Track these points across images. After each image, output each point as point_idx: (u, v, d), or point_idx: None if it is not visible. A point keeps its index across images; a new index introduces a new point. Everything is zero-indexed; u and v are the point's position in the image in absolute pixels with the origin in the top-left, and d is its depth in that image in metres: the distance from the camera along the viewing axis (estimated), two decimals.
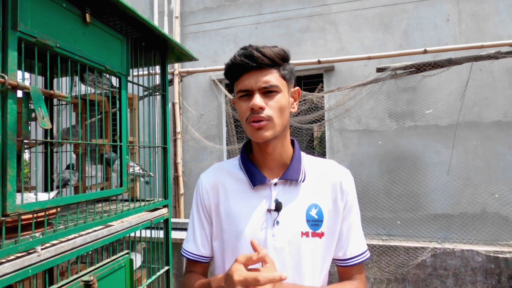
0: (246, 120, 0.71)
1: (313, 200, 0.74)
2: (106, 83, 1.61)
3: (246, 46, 0.72)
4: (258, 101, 0.68)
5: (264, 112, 0.69)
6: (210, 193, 0.80)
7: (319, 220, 0.73)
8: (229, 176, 0.80)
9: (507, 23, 3.40)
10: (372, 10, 3.81)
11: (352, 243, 0.76)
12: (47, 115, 0.96)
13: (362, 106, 3.55)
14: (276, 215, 0.72)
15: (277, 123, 0.71)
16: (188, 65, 3.97)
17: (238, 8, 4.27)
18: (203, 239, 0.81)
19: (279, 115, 0.71)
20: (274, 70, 0.71)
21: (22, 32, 0.95)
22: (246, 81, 0.70)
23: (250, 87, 0.70)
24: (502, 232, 3.13)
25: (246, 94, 0.71)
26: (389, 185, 3.57)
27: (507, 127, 3.35)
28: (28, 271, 0.93)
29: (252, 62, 0.69)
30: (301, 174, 0.76)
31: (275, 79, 0.70)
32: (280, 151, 0.76)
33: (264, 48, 0.70)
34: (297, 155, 0.79)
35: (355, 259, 0.76)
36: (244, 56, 0.69)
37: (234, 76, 0.73)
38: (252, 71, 0.70)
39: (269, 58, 0.69)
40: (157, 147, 1.81)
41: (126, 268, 1.35)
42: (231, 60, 0.73)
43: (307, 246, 0.72)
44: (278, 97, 0.71)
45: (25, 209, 0.93)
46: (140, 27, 1.52)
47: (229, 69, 0.74)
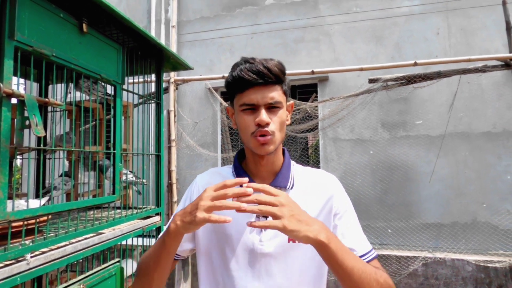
0: (252, 134, 0.72)
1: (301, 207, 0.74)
2: (101, 91, 1.62)
3: (250, 59, 0.73)
4: (265, 117, 0.70)
5: (269, 128, 0.71)
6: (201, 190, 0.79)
7: None
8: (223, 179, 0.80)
9: (494, 38, 3.52)
10: (365, 22, 3.91)
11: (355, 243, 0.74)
12: (41, 123, 0.97)
13: (355, 116, 3.61)
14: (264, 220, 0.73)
15: (278, 138, 0.74)
16: (184, 73, 4.00)
17: (235, 18, 4.35)
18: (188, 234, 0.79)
19: (280, 130, 0.74)
20: (278, 87, 0.73)
21: (18, 41, 0.96)
22: (253, 95, 0.71)
23: (257, 102, 0.71)
24: (492, 242, 3.16)
25: (251, 108, 0.73)
26: (382, 194, 3.60)
27: (496, 138, 3.42)
28: (17, 279, 0.93)
29: (260, 79, 0.70)
30: (290, 181, 0.78)
31: (279, 96, 0.73)
32: (272, 160, 0.79)
33: (268, 63, 0.71)
34: (286, 163, 0.81)
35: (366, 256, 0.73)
36: (252, 72, 0.70)
37: (238, 89, 0.74)
38: (258, 86, 0.71)
39: (274, 75, 0.71)
40: (151, 155, 1.82)
41: (117, 277, 1.34)
42: (237, 73, 0.72)
43: (293, 252, 0.73)
44: (280, 113, 0.74)
45: (16, 216, 0.93)
46: (137, 36, 1.55)
47: (234, 82, 0.74)
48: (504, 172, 3.35)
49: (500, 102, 3.43)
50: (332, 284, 3.27)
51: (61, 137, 1.61)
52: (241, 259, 0.73)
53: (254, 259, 0.73)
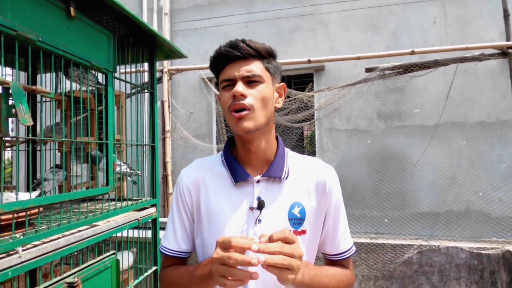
0: (228, 109, 0.69)
1: (296, 198, 0.73)
2: (92, 80, 1.57)
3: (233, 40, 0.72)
4: (240, 88, 0.67)
5: (246, 100, 0.67)
6: (191, 190, 0.77)
7: (301, 218, 0.72)
8: (211, 172, 0.77)
9: (490, 27, 3.50)
10: (361, 11, 3.85)
11: (340, 239, 0.78)
12: (28, 112, 0.92)
13: (351, 105, 3.59)
14: (258, 213, 0.70)
15: (258, 114, 0.68)
16: (177, 62, 3.93)
17: (229, 6, 4.25)
18: (183, 235, 0.78)
19: (261, 106, 0.69)
20: (258, 61, 0.71)
21: (1, 25, 0.91)
22: (229, 70, 0.70)
23: (233, 76, 0.69)
24: (485, 229, 3.22)
25: (229, 84, 0.70)
26: (377, 184, 3.62)
27: (490, 128, 3.45)
28: (8, 273, 0.90)
29: (236, 51, 0.68)
30: (285, 171, 0.74)
31: (259, 69, 0.70)
32: (264, 147, 0.74)
33: (250, 41, 0.70)
34: (280, 151, 0.77)
35: (344, 254, 0.78)
36: (229, 46, 0.69)
37: (219, 67, 0.72)
38: (236, 61, 0.69)
39: (253, 49, 0.69)
40: (145, 146, 1.78)
41: (112, 269, 1.32)
42: (216, 51, 0.72)
43: None
44: (261, 87, 0.69)
45: (5, 209, 0.90)
46: (128, 23, 1.49)
47: (213, 60, 0.73)
48: (497, 161, 3.39)
49: (495, 91, 3.45)
50: None
51: (51, 128, 1.56)
52: None
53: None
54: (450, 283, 2.44)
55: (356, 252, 0.75)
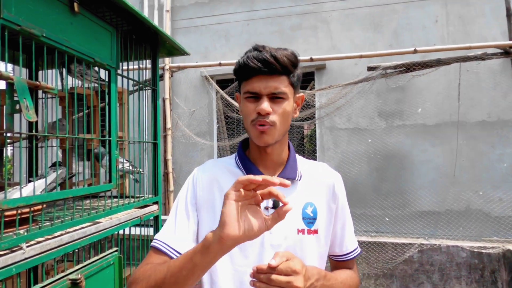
0: (251, 122, 0.72)
1: (309, 199, 0.77)
2: (94, 76, 1.56)
3: (260, 47, 0.71)
4: (265, 106, 0.69)
5: (270, 118, 0.70)
6: (205, 187, 0.76)
7: (314, 218, 0.76)
8: (226, 172, 0.78)
9: (492, 26, 3.50)
10: (363, 9, 3.84)
11: (347, 240, 0.83)
12: (33, 107, 0.92)
13: (352, 104, 3.58)
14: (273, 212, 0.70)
15: (279, 130, 0.72)
16: (178, 60, 3.91)
17: (230, 4, 4.23)
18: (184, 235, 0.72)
19: (282, 122, 0.72)
20: (284, 77, 0.71)
21: (5, 20, 0.90)
22: (256, 84, 0.70)
23: (259, 91, 0.70)
24: (485, 229, 3.23)
25: (254, 96, 0.72)
26: (378, 182, 3.62)
27: (491, 127, 3.45)
28: (12, 270, 0.90)
29: (264, 67, 0.69)
30: (298, 173, 0.78)
31: (284, 86, 0.71)
32: (278, 152, 0.78)
33: (277, 53, 0.69)
34: (292, 156, 0.81)
35: (350, 254, 0.83)
36: (257, 60, 0.69)
37: (244, 76, 0.73)
38: (263, 75, 0.70)
39: (281, 65, 0.69)
40: (147, 143, 1.77)
41: (115, 266, 1.32)
42: (243, 60, 0.72)
43: (302, 243, 0.74)
44: (285, 104, 0.72)
45: (9, 205, 0.89)
46: (131, 19, 1.48)
47: (239, 69, 0.73)
48: (498, 161, 3.39)
49: (496, 91, 3.44)
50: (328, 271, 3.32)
51: (53, 125, 1.56)
52: (252, 253, 0.72)
53: (264, 252, 0.72)
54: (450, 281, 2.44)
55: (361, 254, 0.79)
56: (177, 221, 0.74)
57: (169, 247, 0.70)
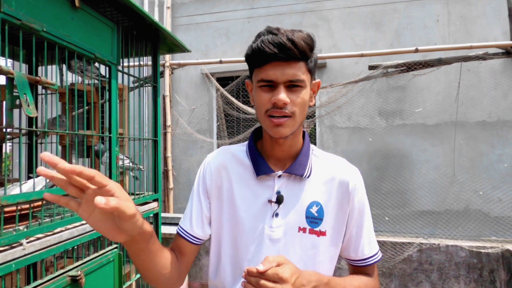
0: (266, 112, 0.66)
1: (316, 198, 0.72)
2: (95, 72, 1.55)
3: (274, 30, 0.65)
4: (283, 97, 0.63)
5: (288, 108, 0.65)
6: (213, 175, 0.76)
7: (319, 218, 0.71)
8: (235, 161, 0.77)
9: (493, 26, 3.49)
10: (364, 8, 3.83)
11: (365, 244, 0.75)
12: (33, 102, 0.91)
13: (353, 103, 3.58)
14: (276, 207, 0.71)
15: (298, 120, 0.67)
16: (179, 57, 3.89)
17: (231, 1, 4.21)
18: (198, 219, 0.76)
19: (301, 112, 0.67)
20: (302, 63, 0.65)
21: (5, 14, 0.89)
22: (271, 71, 0.64)
23: (275, 79, 0.64)
24: (484, 228, 3.23)
25: (269, 85, 0.66)
26: (378, 182, 3.63)
27: (491, 127, 3.45)
28: (12, 266, 0.89)
29: (281, 53, 0.62)
30: (307, 169, 0.73)
31: (302, 73, 0.65)
32: (290, 143, 0.73)
33: (294, 36, 0.63)
34: (305, 149, 0.75)
35: (369, 260, 0.75)
36: (273, 45, 0.62)
37: (258, 63, 0.66)
38: (279, 61, 0.63)
39: (300, 51, 0.63)
40: (147, 140, 1.77)
41: (115, 263, 1.32)
42: (257, 45, 0.65)
43: (302, 242, 0.71)
44: (303, 93, 0.66)
45: (8, 201, 0.89)
46: (132, 15, 1.47)
47: (253, 54, 0.66)
48: (497, 161, 3.40)
49: (497, 91, 3.44)
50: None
51: (53, 121, 1.55)
52: (251, 244, 0.72)
53: (263, 245, 0.71)
54: (449, 281, 2.45)
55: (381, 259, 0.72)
56: (193, 209, 0.78)
57: (187, 232, 0.76)
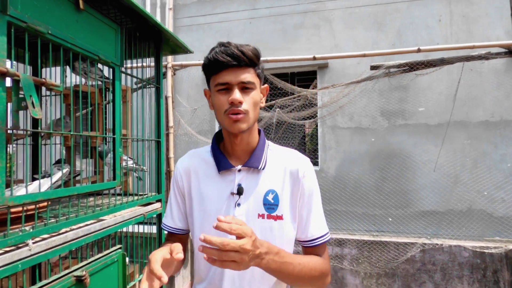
0: (225, 112, 0.77)
1: (271, 186, 0.82)
2: (98, 74, 1.56)
3: (225, 43, 0.77)
4: (238, 96, 0.75)
5: (242, 106, 0.76)
6: (183, 177, 0.88)
7: (275, 204, 0.82)
8: (201, 161, 0.88)
9: (496, 25, 3.48)
10: (366, 8, 3.83)
11: (313, 226, 0.83)
12: (38, 104, 0.92)
13: (355, 103, 3.58)
14: (238, 198, 0.81)
15: (251, 117, 0.78)
16: (181, 58, 3.90)
17: (233, 2, 4.22)
18: (179, 215, 0.90)
19: (253, 110, 0.79)
20: (251, 69, 0.78)
21: (11, 16, 0.90)
22: (226, 76, 0.76)
23: (230, 82, 0.76)
24: (488, 229, 3.22)
25: (225, 88, 0.77)
26: (380, 182, 3.62)
27: (494, 127, 3.44)
28: (18, 266, 0.90)
29: (233, 61, 0.75)
30: (262, 162, 0.84)
31: (252, 77, 0.78)
32: (247, 141, 0.84)
33: (243, 47, 0.76)
34: (261, 145, 0.86)
35: (317, 240, 0.83)
36: (226, 54, 0.75)
37: (214, 71, 0.78)
38: (232, 68, 0.76)
39: (248, 58, 0.76)
40: (150, 141, 1.77)
41: (119, 263, 1.32)
42: (212, 55, 0.77)
43: (262, 227, 0.80)
44: (254, 93, 0.78)
45: (15, 202, 0.90)
46: (135, 16, 1.48)
47: (209, 63, 0.78)
48: (500, 161, 3.38)
49: (499, 91, 3.43)
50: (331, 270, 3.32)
51: (57, 122, 1.56)
52: (218, 234, 0.79)
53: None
54: (452, 281, 2.44)
55: (329, 240, 0.78)
56: (172, 207, 0.91)
57: (171, 227, 0.91)
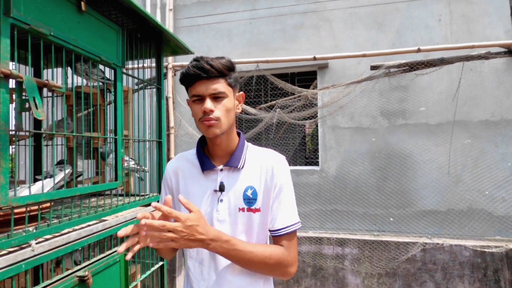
0: (199, 120, 0.87)
1: (250, 183, 0.91)
2: (100, 75, 1.57)
3: (198, 58, 0.86)
4: (209, 105, 0.84)
5: (214, 114, 0.85)
6: (172, 178, 0.97)
7: (253, 198, 0.90)
8: (188, 163, 0.97)
9: (495, 25, 3.48)
10: (366, 8, 3.83)
11: (280, 217, 0.90)
12: (42, 106, 0.93)
13: (355, 103, 3.58)
14: (220, 194, 0.90)
15: (223, 122, 0.86)
16: (181, 59, 3.91)
17: (233, 3, 4.23)
18: None
19: (225, 116, 0.87)
20: (221, 80, 0.86)
21: (15, 19, 0.91)
22: (198, 88, 0.85)
23: (202, 93, 0.85)
24: (488, 228, 3.22)
25: (199, 98, 0.86)
26: (381, 181, 3.62)
27: (494, 126, 3.44)
28: (22, 266, 0.91)
29: (203, 74, 0.84)
30: (241, 161, 0.93)
31: (222, 87, 0.86)
32: (226, 143, 0.93)
33: (213, 61, 0.84)
34: (240, 146, 0.95)
35: (281, 230, 0.90)
36: (197, 68, 0.84)
37: (188, 83, 0.88)
38: (203, 80, 0.85)
39: (217, 70, 0.84)
40: (151, 141, 1.78)
41: (121, 263, 1.33)
42: (185, 70, 0.87)
43: (242, 219, 0.89)
44: (225, 101, 0.87)
45: (18, 202, 0.90)
46: (136, 17, 1.49)
47: (183, 77, 0.88)
48: (501, 160, 3.39)
49: (500, 90, 3.43)
50: (331, 270, 3.33)
51: (59, 123, 1.57)
52: None
53: (212, 226, 0.86)
54: (453, 281, 2.45)
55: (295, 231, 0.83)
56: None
57: None
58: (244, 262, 0.84)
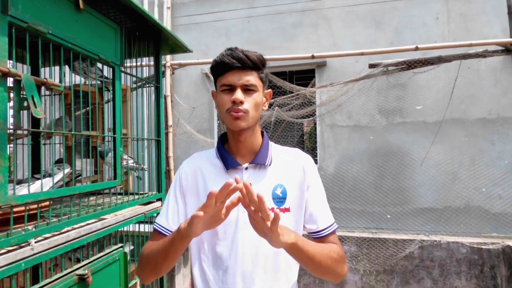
0: (227, 111, 0.82)
1: (278, 181, 0.87)
2: (98, 73, 1.56)
3: (233, 48, 0.83)
4: (240, 96, 0.80)
5: (243, 106, 0.81)
6: (189, 176, 0.90)
7: (283, 197, 0.86)
8: (207, 162, 0.91)
9: (493, 23, 3.50)
10: (364, 6, 3.84)
11: (322, 216, 0.88)
12: (40, 104, 0.92)
13: (353, 102, 3.59)
14: None
15: (251, 117, 0.83)
16: (179, 57, 3.90)
17: (231, 1, 4.22)
18: (174, 217, 0.88)
19: (254, 110, 0.83)
20: (254, 72, 0.83)
21: (12, 17, 0.91)
22: (230, 77, 0.82)
23: (233, 83, 0.81)
24: (485, 225, 3.25)
25: (229, 88, 0.82)
26: (379, 179, 3.64)
27: (491, 124, 3.46)
28: (21, 265, 0.91)
29: (238, 63, 0.80)
30: (268, 159, 0.88)
31: (255, 80, 0.83)
32: (251, 139, 0.88)
33: (249, 52, 0.82)
34: (265, 143, 0.91)
35: (327, 229, 0.87)
36: (232, 57, 0.81)
37: (220, 72, 0.84)
38: (236, 69, 0.81)
39: (252, 62, 0.81)
40: (150, 140, 1.78)
41: (121, 262, 1.33)
42: (219, 57, 0.83)
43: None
44: (255, 95, 0.83)
45: (18, 201, 0.90)
46: (134, 16, 1.48)
47: (216, 65, 0.84)
48: (498, 158, 3.41)
49: (497, 88, 3.45)
50: None
51: (57, 122, 1.56)
52: (228, 229, 0.83)
53: (238, 228, 0.83)
54: (450, 277, 2.47)
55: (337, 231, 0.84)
56: (169, 207, 0.90)
57: (164, 228, 0.87)
58: (310, 260, 0.76)
